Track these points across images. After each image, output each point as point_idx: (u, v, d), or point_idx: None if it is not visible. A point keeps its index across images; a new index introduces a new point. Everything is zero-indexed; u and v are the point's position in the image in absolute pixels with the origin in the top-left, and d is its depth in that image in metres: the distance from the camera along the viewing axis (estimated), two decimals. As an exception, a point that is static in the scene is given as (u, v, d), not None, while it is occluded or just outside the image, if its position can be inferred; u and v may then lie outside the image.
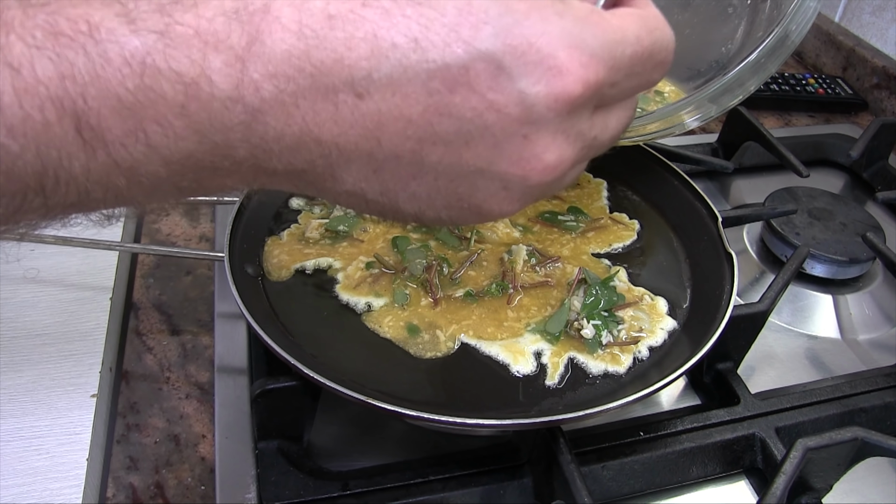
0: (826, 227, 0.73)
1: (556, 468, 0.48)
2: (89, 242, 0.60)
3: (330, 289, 0.56)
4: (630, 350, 0.53)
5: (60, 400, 0.55)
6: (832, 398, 0.59)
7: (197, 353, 0.61)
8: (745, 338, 0.59)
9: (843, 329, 0.68)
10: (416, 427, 0.56)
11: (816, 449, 0.50)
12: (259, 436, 0.52)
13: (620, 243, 0.63)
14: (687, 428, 0.55)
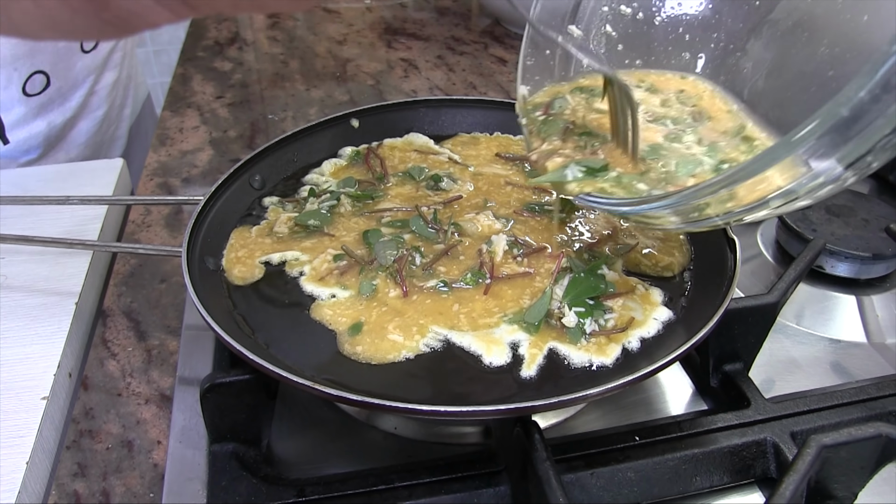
0: (846, 224, 0.67)
1: (530, 469, 0.42)
2: (51, 241, 0.57)
3: (294, 281, 0.53)
4: (619, 340, 0.48)
5: (9, 402, 0.52)
6: (856, 401, 0.52)
7: (162, 360, 0.58)
8: (754, 335, 0.54)
9: (869, 332, 0.62)
10: (390, 435, 0.51)
11: (834, 447, 0.44)
12: (212, 438, 0.48)
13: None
14: (689, 432, 0.49)
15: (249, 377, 0.45)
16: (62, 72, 0.91)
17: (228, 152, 0.86)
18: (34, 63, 0.87)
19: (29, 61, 0.86)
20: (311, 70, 1.07)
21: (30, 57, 0.86)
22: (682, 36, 0.56)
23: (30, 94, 0.88)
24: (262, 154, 0.63)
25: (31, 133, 0.90)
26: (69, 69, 0.92)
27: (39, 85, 0.88)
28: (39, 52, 0.86)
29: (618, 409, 0.54)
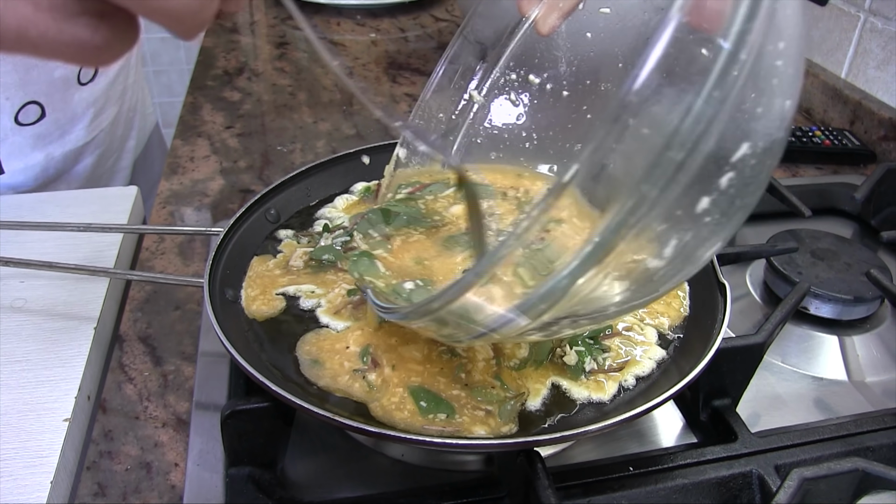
0: (830, 267, 0.70)
1: (532, 496, 0.45)
2: (73, 268, 0.60)
3: (311, 313, 0.56)
4: (615, 378, 0.51)
5: (32, 424, 0.54)
6: (836, 436, 0.55)
7: (178, 385, 0.60)
8: (741, 372, 0.57)
9: (850, 371, 0.65)
10: (397, 461, 0.54)
11: (814, 479, 0.47)
12: (230, 462, 0.51)
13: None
14: (680, 464, 0.52)
15: (268, 405, 0.48)
16: (59, 104, 0.91)
17: (239, 182, 0.89)
18: (27, 93, 0.87)
19: (21, 91, 0.86)
20: (318, 102, 1.10)
21: (21, 87, 0.86)
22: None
23: (23, 123, 0.88)
24: (278, 188, 0.66)
25: (27, 164, 0.91)
26: (66, 102, 0.92)
27: (34, 115, 0.88)
28: (31, 82, 0.86)
29: (613, 441, 0.57)
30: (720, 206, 0.34)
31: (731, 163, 0.33)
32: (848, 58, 1.05)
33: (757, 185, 0.36)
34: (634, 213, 0.31)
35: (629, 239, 0.32)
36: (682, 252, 0.35)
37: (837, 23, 1.06)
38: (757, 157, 0.34)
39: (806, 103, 1.11)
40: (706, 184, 0.33)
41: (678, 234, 0.35)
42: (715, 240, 0.37)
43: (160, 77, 2.54)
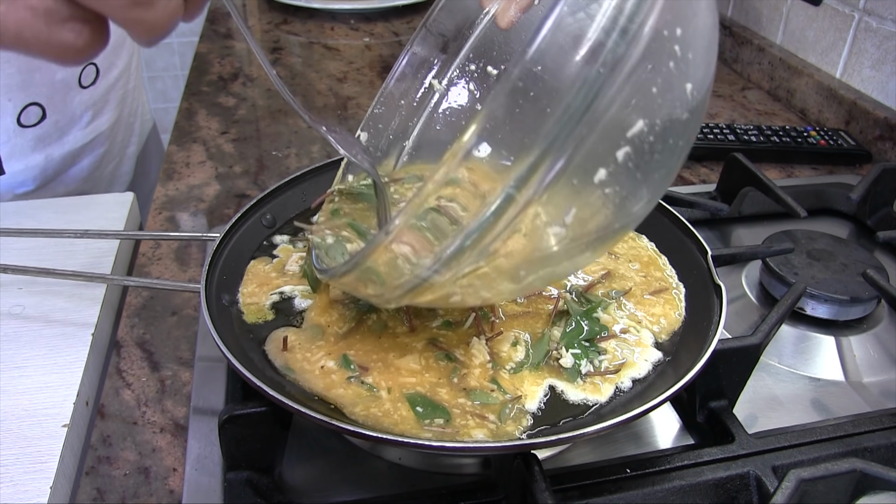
0: (826, 268, 0.71)
1: (530, 499, 0.45)
2: (71, 274, 0.60)
3: (303, 314, 0.56)
4: (612, 381, 0.51)
5: (31, 430, 0.54)
6: (834, 437, 0.56)
7: (175, 390, 0.60)
8: (738, 374, 0.57)
9: (847, 371, 0.65)
10: (394, 465, 0.54)
11: (811, 480, 0.47)
12: (228, 466, 0.51)
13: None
14: (677, 466, 0.53)
15: (265, 409, 0.48)
16: (59, 106, 0.92)
17: (234, 188, 0.89)
18: (28, 95, 0.88)
19: (23, 93, 0.87)
20: (313, 107, 1.11)
21: (23, 88, 0.87)
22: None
23: (25, 125, 0.89)
24: (273, 193, 0.66)
25: (27, 165, 0.91)
26: (66, 104, 0.93)
27: (35, 117, 0.89)
28: (34, 84, 0.87)
29: (610, 442, 0.57)
30: (620, 180, 0.37)
31: (628, 138, 0.36)
32: (843, 58, 1.05)
33: (663, 165, 0.39)
34: (526, 181, 0.34)
35: (526, 204, 0.35)
36: (582, 222, 0.38)
37: (832, 23, 1.06)
38: (656, 135, 0.37)
39: (801, 103, 1.11)
40: (602, 156, 0.36)
41: (578, 203, 0.37)
42: (621, 216, 0.40)
43: (155, 83, 2.54)
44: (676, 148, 0.39)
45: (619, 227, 0.42)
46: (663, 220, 0.66)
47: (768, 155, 0.96)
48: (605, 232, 0.41)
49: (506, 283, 0.42)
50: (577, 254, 0.42)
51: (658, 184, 0.41)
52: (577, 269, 0.54)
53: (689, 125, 0.39)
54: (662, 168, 0.40)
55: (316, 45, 1.36)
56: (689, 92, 0.38)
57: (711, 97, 1.15)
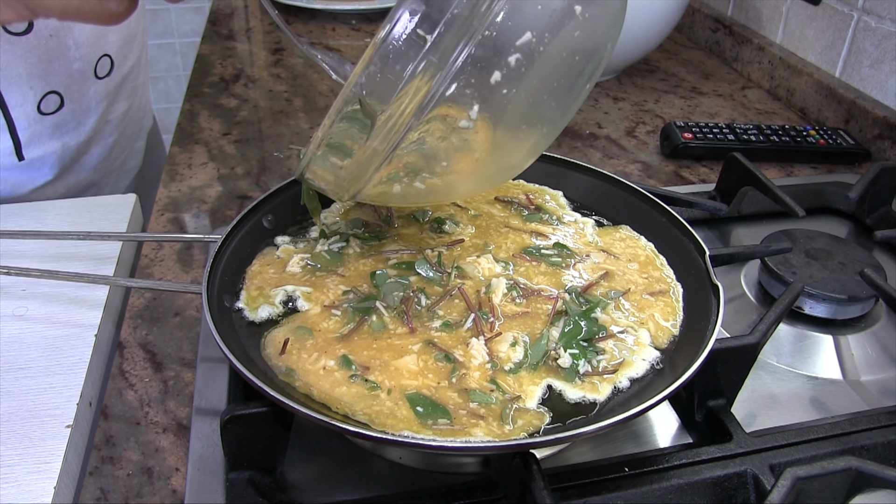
0: (824, 267, 0.71)
1: (528, 498, 0.46)
2: (73, 276, 0.60)
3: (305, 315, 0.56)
4: (610, 380, 0.52)
5: (35, 430, 0.55)
6: (831, 435, 0.56)
7: (178, 390, 0.61)
8: (736, 373, 0.57)
9: (845, 370, 0.66)
10: (395, 464, 0.54)
11: (807, 479, 0.48)
12: (230, 466, 0.51)
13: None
14: (675, 464, 0.53)
15: (266, 410, 0.48)
16: (76, 95, 0.94)
17: (236, 189, 0.90)
18: (48, 83, 0.90)
19: (44, 81, 0.89)
20: (315, 108, 1.11)
21: (44, 77, 0.89)
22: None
23: (44, 112, 0.91)
24: (274, 195, 0.67)
25: (45, 152, 0.94)
26: (83, 93, 0.95)
27: (53, 105, 0.92)
28: (53, 73, 0.90)
29: (609, 441, 0.57)
30: (515, 83, 0.46)
31: (517, 46, 0.45)
32: (842, 57, 1.05)
33: (562, 77, 0.50)
34: (428, 71, 0.43)
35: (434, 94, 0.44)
36: (489, 117, 0.48)
37: (831, 22, 1.06)
38: (545, 45, 0.46)
39: (801, 102, 1.11)
40: (495, 60, 0.45)
41: (479, 100, 0.47)
42: (529, 120, 0.51)
43: (157, 83, 2.55)
44: (574, 66, 0.49)
45: (525, 125, 0.52)
46: (662, 221, 0.66)
47: (768, 154, 0.97)
48: (510, 130, 0.51)
49: (435, 173, 0.51)
50: (485, 157, 0.51)
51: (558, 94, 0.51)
52: (503, 172, 0.59)
53: (579, 42, 0.49)
54: (566, 88, 0.50)
55: (317, 45, 1.36)
56: (578, 12, 0.47)
57: (712, 96, 1.16)
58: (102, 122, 1.01)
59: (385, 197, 0.54)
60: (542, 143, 0.55)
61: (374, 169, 0.48)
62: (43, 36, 0.87)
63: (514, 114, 0.50)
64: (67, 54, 0.91)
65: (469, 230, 0.66)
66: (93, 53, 0.94)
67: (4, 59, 0.85)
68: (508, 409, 0.48)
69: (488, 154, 0.51)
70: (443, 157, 0.50)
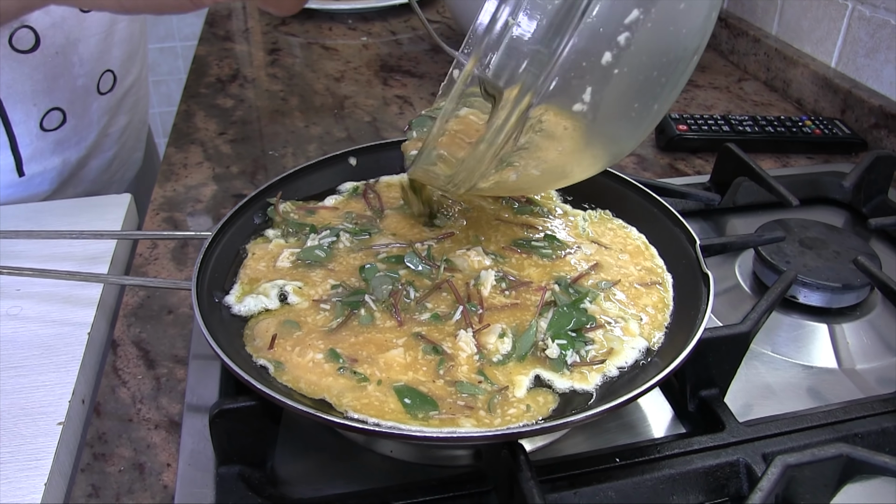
0: (818, 255, 0.71)
1: (516, 488, 0.46)
2: (67, 275, 0.60)
3: (295, 309, 0.56)
4: (599, 369, 0.52)
5: (27, 427, 0.55)
6: (825, 423, 0.56)
7: (170, 387, 0.61)
8: (728, 362, 0.57)
9: (840, 359, 0.65)
10: (387, 457, 0.54)
11: (797, 466, 0.47)
12: (220, 461, 0.51)
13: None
14: (667, 454, 0.53)
15: (255, 403, 0.49)
16: (79, 111, 0.94)
17: (231, 188, 0.90)
18: (52, 100, 0.90)
19: (48, 98, 0.90)
20: (311, 107, 1.11)
21: (48, 94, 0.89)
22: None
23: (46, 129, 0.91)
24: (266, 191, 0.67)
25: (46, 168, 0.94)
26: (85, 109, 0.95)
27: (56, 121, 0.92)
28: (57, 89, 0.90)
29: (602, 433, 0.57)
30: (627, 63, 0.45)
31: (626, 24, 0.44)
32: (837, 47, 1.05)
33: (668, 52, 0.48)
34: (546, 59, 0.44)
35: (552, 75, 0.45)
36: (601, 100, 0.47)
37: (826, 12, 1.06)
38: (652, 21, 0.45)
39: (797, 93, 1.11)
40: (605, 40, 0.44)
41: (591, 83, 0.46)
42: (640, 99, 0.50)
43: (159, 87, 2.56)
44: (679, 35, 0.47)
45: (640, 106, 0.50)
46: (653, 211, 0.66)
47: (764, 145, 0.96)
48: (627, 110, 0.50)
49: (553, 157, 0.51)
50: (607, 133, 0.51)
51: (668, 76, 0.49)
52: (617, 149, 0.57)
53: (688, 14, 0.47)
54: (673, 63, 0.48)
55: (314, 45, 1.36)
56: None
57: (708, 89, 1.15)
58: (102, 137, 1.01)
59: (500, 186, 0.54)
60: (653, 121, 0.53)
61: (493, 157, 0.49)
62: (49, 53, 0.87)
63: (627, 94, 0.49)
64: (72, 71, 0.91)
65: (460, 223, 0.65)
66: (97, 69, 0.94)
67: (10, 77, 0.85)
68: (496, 399, 0.48)
69: (599, 138, 0.51)
70: (558, 142, 0.49)
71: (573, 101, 0.46)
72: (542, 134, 0.48)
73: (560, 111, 0.47)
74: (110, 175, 1.06)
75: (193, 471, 0.52)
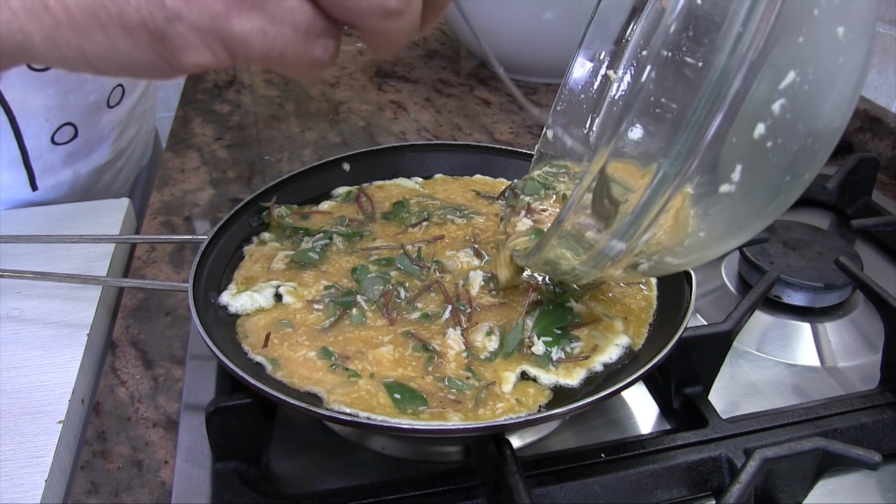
0: (801, 256, 0.72)
1: (503, 482, 0.47)
2: (66, 277, 0.62)
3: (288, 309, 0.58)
4: (584, 365, 0.53)
5: (28, 426, 0.56)
6: (805, 420, 0.57)
7: (168, 387, 0.62)
8: (711, 360, 0.59)
9: (822, 357, 0.67)
10: (378, 454, 0.56)
11: (775, 459, 0.49)
12: (216, 457, 0.53)
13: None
14: (651, 450, 0.54)
15: (250, 401, 0.50)
16: (90, 125, 0.96)
17: (228, 192, 0.92)
18: (65, 115, 0.91)
19: (60, 113, 0.91)
20: (306, 112, 1.13)
21: (61, 109, 0.91)
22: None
23: (58, 143, 0.92)
24: (262, 196, 0.69)
25: (58, 181, 0.95)
26: (96, 123, 0.97)
27: (67, 135, 0.93)
28: (70, 104, 0.91)
29: (589, 429, 0.59)
30: (780, 132, 0.38)
31: (780, 90, 0.37)
32: (825, 52, 1.07)
33: (813, 129, 0.40)
34: (688, 143, 0.37)
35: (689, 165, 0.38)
36: (752, 178, 0.40)
37: (813, 18, 1.07)
38: (808, 83, 0.38)
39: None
40: (759, 110, 0.37)
41: (743, 161, 0.39)
42: (792, 168, 0.41)
43: (158, 92, 2.56)
44: (835, 92, 0.40)
45: (790, 180, 0.42)
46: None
47: (751, 149, 0.98)
48: (777, 189, 0.42)
49: (686, 244, 0.43)
50: (753, 212, 0.44)
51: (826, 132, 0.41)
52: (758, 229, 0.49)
53: (844, 68, 0.40)
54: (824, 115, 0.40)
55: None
56: (841, 35, 0.38)
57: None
58: (113, 149, 1.02)
59: (631, 275, 0.49)
60: (801, 190, 0.45)
61: (617, 257, 0.43)
62: (63, 70, 0.87)
63: (780, 168, 0.41)
64: (84, 86, 0.92)
65: (449, 226, 0.67)
66: (108, 84, 0.96)
67: (23, 93, 0.86)
68: (483, 394, 0.50)
69: (745, 218, 0.44)
70: (696, 229, 0.42)
71: (720, 181, 0.39)
72: (679, 222, 0.42)
73: (704, 194, 0.40)
74: (119, 185, 1.07)
75: (190, 467, 0.54)
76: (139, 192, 1.14)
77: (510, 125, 1.09)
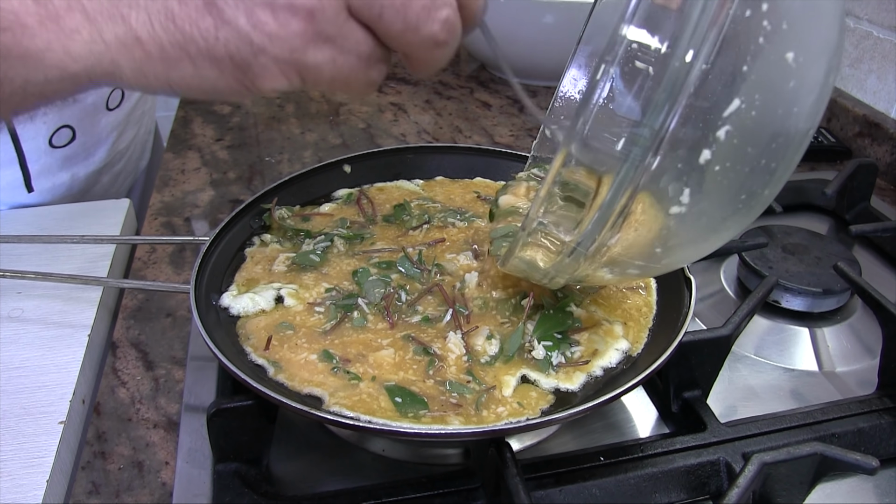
0: (800, 261, 0.73)
1: (502, 485, 0.47)
2: (67, 278, 0.62)
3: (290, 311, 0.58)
4: (584, 370, 0.53)
5: (29, 426, 0.57)
6: (803, 424, 0.57)
7: (168, 388, 0.62)
8: (710, 364, 0.59)
9: (821, 361, 0.67)
10: (379, 456, 0.56)
11: (773, 464, 0.49)
12: (217, 458, 0.53)
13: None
14: (650, 454, 0.54)
15: (251, 402, 0.50)
16: (88, 127, 0.95)
17: (228, 193, 0.92)
18: (62, 117, 0.91)
19: (57, 115, 0.90)
20: (306, 114, 1.13)
21: (58, 112, 0.90)
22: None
23: (55, 146, 0.92)
24: (263, 197, 0.69)
25: (55, 184, 0.94)
26: (94, 125, 0.96)
27: (65, 138, 0.93)
28: (68, 107, 0.91)
29: (589, 433, 0.59)
30: (727, 157, 0.40)
31: (724, 117, 0.38)
32: (824, 57, 1.07)
33: (766, 150, 0.41)
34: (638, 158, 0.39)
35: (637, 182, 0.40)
36: (702, 199, 0.42)
37: (813, 24, 1.08)
38: (756, 109, 0.39)
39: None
40: (703, 136, 0.39)
41: (689, 183, 0.40)
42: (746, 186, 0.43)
43: (158, 91, 2.57)
44: (789, 113, 0.41)
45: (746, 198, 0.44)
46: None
47: (750, 153, 0.98)
48: (732, 207, 0.44)
49: (643, 257, 0.46)
50: (710, 228, 0.46)
51: (768, 174, 0.42)
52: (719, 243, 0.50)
53: (799, 90, 0.41)
54: (772, 158, 0.42)
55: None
56: (791, 60, 0.39)
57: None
58: (111, 151, 1.01)
59: (595, 280, 0.51)
60: (764, 204, 0.46)
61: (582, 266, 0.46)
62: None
63: (731, 188, 0.42)
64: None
65: (450, 229, 0.67)
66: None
67: None
68: (483, 398, 0.50)
69: (700, 232, 0.46)
70: (656, 243, 0.44)
71: (670, 203, 0.41)
72: (638, 233, 0.43)
73: (656, 214, 0.42)
74: (118, 187, 1.07)
75: (191, 468, 0.54)
76: (137, 194, 1.14)
77: (510, 128, 1.10)
